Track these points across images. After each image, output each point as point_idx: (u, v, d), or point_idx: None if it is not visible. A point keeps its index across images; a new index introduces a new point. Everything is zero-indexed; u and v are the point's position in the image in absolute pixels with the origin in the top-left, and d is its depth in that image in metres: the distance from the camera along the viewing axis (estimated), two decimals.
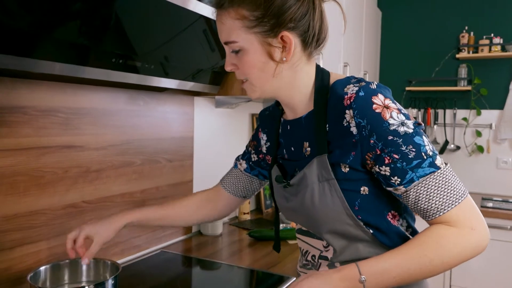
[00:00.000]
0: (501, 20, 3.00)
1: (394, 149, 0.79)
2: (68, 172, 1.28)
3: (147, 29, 1.16)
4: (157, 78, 1.36)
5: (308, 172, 0.86)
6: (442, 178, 0.78)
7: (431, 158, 0.79)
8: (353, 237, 0.86)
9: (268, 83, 0.86)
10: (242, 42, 0.83)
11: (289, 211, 0.95)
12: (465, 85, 3.10)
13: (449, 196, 0.78)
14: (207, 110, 1.93)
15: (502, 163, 3.06)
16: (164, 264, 1.51)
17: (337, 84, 0.86)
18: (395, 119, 0.79)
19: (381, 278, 0.77)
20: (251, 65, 0.84)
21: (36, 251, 1.21)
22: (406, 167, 0.78)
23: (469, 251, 0.78)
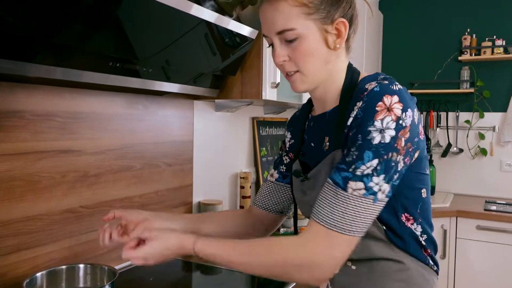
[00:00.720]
0: (503, 22, 2.98)
1: (349, 145, 0.79)
2: (65, 176, 1.27)
3: (149, 33, 1.15)
4: (159, 82, 1.35)
5: (323, 166, 0.86)
6: (339, 199, 0.77)
7: (354, 177, 0.76)
8: (366, 233, 0.83)
9: (319, 72, 0.87)
10: (301, 29, 0.82)
11: (306, 204, 0.94)
12: (468, 88, 3.08)
13: (327, 213, 0.77)
14: (207, 114, 1.92)
15: (505, 165, 3.03)
16: (163, 269, 1.49)
17: (364, 80, 0.86)
18: (381, 124, 0.76)
19: (209, 258, 0.83)
20: (308, 53, 0.84)
21: (33, 257, 1.20)
22: (337, 165, 0.80)
23: (292, 256, 0.78)
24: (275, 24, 0.83)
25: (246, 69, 1.67)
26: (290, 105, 2.23)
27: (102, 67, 1.12)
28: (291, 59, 0.85)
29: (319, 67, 0.86)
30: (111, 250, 1.44)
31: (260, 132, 2.31)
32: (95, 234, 1.37)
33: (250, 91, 1.66)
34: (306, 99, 1.95)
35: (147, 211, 1.03)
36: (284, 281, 1.28)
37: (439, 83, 3.17)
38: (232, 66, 1.61)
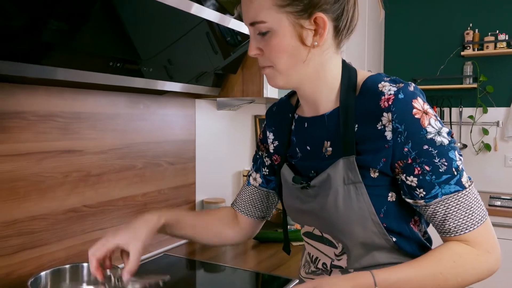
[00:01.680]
0: (506, 16, 2.97)
1: (426, 160, 0.75)
2: (68, 176, 1.28)
3: (151, 33, 1.15)
4: (161, 81, 1.36)
5: (333, 173, 0.80)
6: (465, 199, 0.77)
7: (459, 175, 0.76)
8: (374, 244, 0.82)
9: (295, 70, 0.80)
10: (271, 22, 0.76)
11: (304, 213, 0.89)
12: (471, 83, 3.07)
13: (468, 218, 0.77)
14: (209, 112, 1.93)
15: (510, 161, 3.02)
16: (167, 267, 1.50)
17: (371, 81, 0.81)
18: (433, 127, 0.76)
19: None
20: (279, 49, 0.77)
21: (38, 256, 1.21)
22: (434, 181, 0.76)
23: (483, 273, 0.77)
24: (247, 15, 0.79)
25: (247, 67, 1.67)
26: None
27: (102, 67, 1.13)
28: (264, 53, 0.80)
29: (293, 65, 0.79)
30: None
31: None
32: (98, 234, 1.39)
33: (252, 89, 1.67)
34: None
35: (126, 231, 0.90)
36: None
37: (442, 79, 3.16)
38: (233, 65, 1.62)
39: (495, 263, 0.78)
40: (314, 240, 0.92)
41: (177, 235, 1.01)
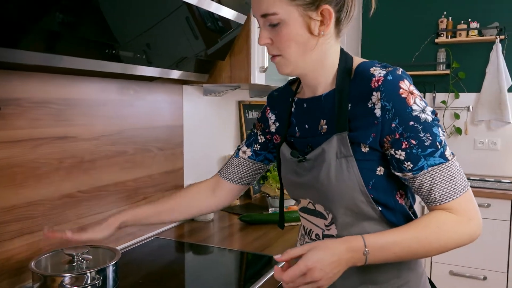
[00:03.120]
0: (477, 5, 3.08)
1: (413, 135, 0.83)
2: (63, 162, 1.30)
3: (128, 16, 1.13)
4: (141, 66, 1.37)
5: (327, 148, 0.88)
6: (448, 170, 0.84)
7: (443, 148, 0.84)
8: (362, 214, 0.89)
9: (302, 57, 0.88)
10: (283, 14, 0.84)
11: (299, 186, 0.97)
12: (444, 69, 3.19)
13: (451, 188, 0.84)
14: (196, 98, 1.96)
15: (479, 143, 3.17)
16: (159, 250, 1.55)
17: (363, 66, 0.89)
18: (418, 105, 0.83)
19: (383, 253, 0.82)
20: (289, 38, 0.86)
21: (36, 241, 1.23)
22: (420, 154, 0.83)
23: (464, 238, 0.85)
24: (259, 7, 0.86)
25: (235, 54, 1.71)
26: (273, 89, 2.28)
27: (85, 52, 1.12)
28: (274, 43, 0.88)
29: (301, 53, 0.88)
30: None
31: (246, 115, 2.36)
32: (92, 218, 1.41)
33: (239, 75, 1.70)
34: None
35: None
36: None
37: (416, 65, 3.27)
38: (221, 51, 1.65)
39: (476, 229, 0.85)
40: (308, 214, 1.00)
41: (147, 224, 1.20)
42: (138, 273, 1.32)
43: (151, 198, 1.68)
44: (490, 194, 2.62)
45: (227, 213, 2.05)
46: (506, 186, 2.73)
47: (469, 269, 2.72)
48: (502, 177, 3.07)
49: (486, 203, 2.64)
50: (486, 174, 3.14)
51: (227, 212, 2.06)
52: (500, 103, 3.00)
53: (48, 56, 1.04)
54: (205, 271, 1.35)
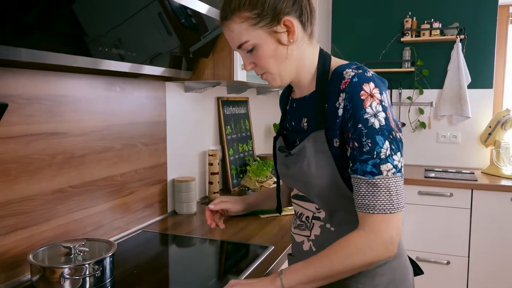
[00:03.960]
0: (440, 6, 3.26)
1: (357, 137, 0.89)
2: (54, 158, 1.32)
3: (100, 10, 1.12)
4: (137, 65, 1.41)
5: (307, 144, 0.98)
6: (375, 185, 0.87)
7: (379, 160, 0.87)
8: (342, 201, 0.98)
9: (283, 67, 0.98)
10: (253, 39, 0.94)
11: (289, 177, 1.07)
12: (409, 67, 3.35)
13: (372, 202, 0.88)
14: (177, 95, 2.00)
15: (441, 137, 3.37)
16: (147, 242, 1.58)
17: (339, 68, 0.95)
18: (372, 109, 0.88)
19: (293, 275, 0.91)
20: (266, 56, 0.95)
21: (29, 236, 1.25)
22: (358, 157, 0.89)
23: (366, 252, 0.87)
24: (232, 42, 0.97)
25: (217, 52, 1.76)
26: (250, 85, 2.35)
27: (56, 46, 1.11)
28: (256, 65, 0.98)
29: (281, 64, 0.97)
30: (98, 227, 1.51)
31: (224, 111, 2.41)
32: (83, 212, 1.44)
33: (222, 72, 1.76)
34: None
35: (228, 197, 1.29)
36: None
37: (383, 63, 3.42)
38: (204, 49, 1.70)
39: (379, 245, 0.87)
40: (299, 200, 1.10)
41: (259, 207, 1.33)
42: (131, 264, 1.36)
43: (137, 192, 1.71)
44: (452, 184, 2.80)
45: None
46: (466, 177, 2.92)
47: (434, 255, 2.90)
48: (463, 168, 3.27)
49: (448, 192, 2.81)
50: (448, 165, 3.34)
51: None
52: (460, 99, 3.20)
53: (15, 50, 1.01)
54: (195, 260, 1.41)
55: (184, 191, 1.93)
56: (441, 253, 2.88)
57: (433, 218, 2.86)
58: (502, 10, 3.23)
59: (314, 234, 1.05)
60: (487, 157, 3.25)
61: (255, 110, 2.88)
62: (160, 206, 1.89)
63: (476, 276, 2.81)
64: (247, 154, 2.64)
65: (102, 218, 1.53)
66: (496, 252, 2.75)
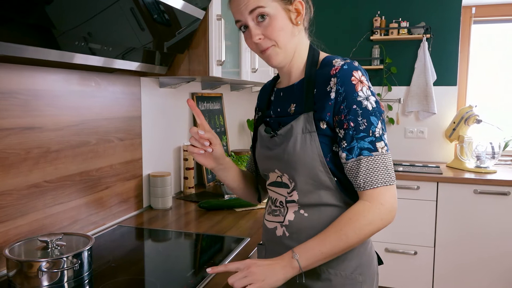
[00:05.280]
0: (407, 6, 3.38)
1: (352, 118, 0.98)
2: (30, 153, 1.31)
3: (69, 2, 1.09)
4: (112, 59, 1.41)
5: (295, 124, 1.04)
6: (374, 162, 0.97)
7: (375, 138, 0.97)
8: (320, 183, 1.03)
9: (290, 45, 1.05)
10: (270, 8, 1.00)
11: (270, 158, 1.11)
12: (378, 64, 3.46)
13: (374, 177, 0.97)
14: (152, 90, 2.00)
15: (408, 132, 3.49)
16: (124, 236, 1.59)
17: (328, 58, 1.06)
18: (364, 93, 0.98)
19: (309, 252, 0.96)
20: (279, 28, 1.01)
21: (5, 231, 1.24)
22: (354, 136, 0.97)
23: (376, 222, 0.96)
24: (248, 5, 1.01)
25: (193, 48, 1.78)
26: (224, 81, 2.38)
27: (24, 39, 1.07)
28: (265, 37, 1.03)
29: (289, 40, 1.04)
30: (74, 222, 1.51)
31: (199, 106, 2.43)
32: (59, 207, 1.44)
33: (198, 68, 1.78)
34: (245, 76, 2.13)
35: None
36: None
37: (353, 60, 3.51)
38: (180, 45, 1.71)
39: (386, 213, 0.96)
40: (275, 186, 1.15)
41: (230, 180, 1.25)
42: (108, 258, 1.37)
43: (112, 187, 1.72)
44: (419, 177, 2.92)
45: (183, 201, 2.12)
46: (432, 170, 3.04)
47: (402, 246, 3.01)
48: (429, 162, 3.41)
49: (415, 185, 2.93)
50: (415, 160, 3.47)
51: (184, 200, 2.13)
52: (426, 96, 3.32)
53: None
54: (172, 254, 1.43)
55: (160, 186, 1.94)
56: (408, 244, 3.00)
57: (401, 211, 2.97)
58: (465, 11, 3.37)
59: (288, 220, 1.09)
60: (452, 151, 3.40)
61: (229, 106, 2.91)
62: (136, 201, 1.89)
63: (441, 265, 2.94)
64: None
65: (78, 213, 1.53)
66: (460, 242, 2.89)
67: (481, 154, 3.07)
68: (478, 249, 2.85)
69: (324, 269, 1.05)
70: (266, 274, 0.94)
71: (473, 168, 3.06)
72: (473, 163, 3.12)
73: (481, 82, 3.47)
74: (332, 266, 1.05)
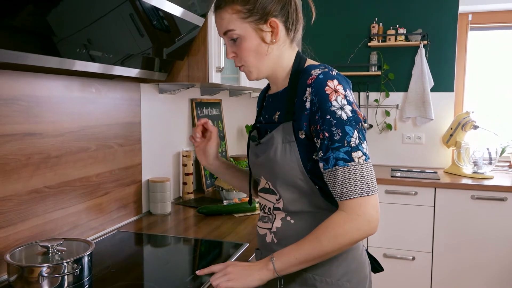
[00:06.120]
0: (405, 12, 3.41)
1: (327, 128, 0.96)
2: (30, 158, 1.32)
3: (68, 10, 1.09)
4: (112, 66, 1.43)
5: (276, 134, 1.06)
6: (350, 173, 0.95)
7: (351, 149, 0.95)
8: (302, 190, 1.05)
9: (262, 63, 1.07)
10: (239, 30, 1.03)
11: (258, 166, 1.13)
12: (376, 71, 3.48)
13: (350, 188, 0.95)
14: (152, 96, 2.02)
15: (406, 138, 3.51)
16: (123, 241, 1.60)
17: (309, 67, 1.05)
18: (338, 103, 0.97)
19: (284, 257, 0.99)
20: (248, 49, 1.04)
21: (5, 236, 1.25)
22: (329, 146, 0.96)
23: (353, 233, 0.95)
24: (220, 28, 1.06)
25: (192, 54, 1.80)
26: (223, 87, 2.39)
27: (23, 46, 1.07)
28: (237, 55, 1.07)
29: (260, 59, 1.06)
30: (74, 227, 1.52)
31: (198, 112, 2.44)
32: (59, 213, 1.45)
33: (197, 75, 1.80)
34: (243, 82, 2.15)
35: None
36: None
37: (351, 66, 3.54)
38: (180, 51, 1.73)
39: (364, 224, 0.95)
40: (264, 193, 1.16)
41: (226, 175, 1.34)
42: (107, 263, 1.38)
43: (112, 193, 1.73)
44: (416, 183, 2.93)
45: (182, 206, 2.13)
46: (430, 176, 3.06)
47: (400, 251, 3.02)
48: (427, 167, 3.43)
49: (413, 191, 2.94)
50: (413, 165, 3.48)
51: (183, 205, 2.14)
52: (424, 102, 3.35)
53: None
54: (171, 259, 1.44)
55: (159, 191, 1.95)
56: (406, 249, 3.01)
57: (399, 216, 2.98)
58: (462, 18, 3.41)
59: (275, 227, 1.11)
60: (449, 157, 3.42)
61: (227, 112, 2.93)
62: (135, 206, 1.90)
63: (439, 270, 2.95)
64: (221, 155, 2.68)
65: (78, 218, 1.54)
66: (458, 247, 2.90)
67: (478, 160, 3.09)
68: (476, 254, 2.87)
69: (310, 275, 1.06)
70: (241, 273, 1.00)
71: (471, 173, 3.08)
72: (470, 169, 3.13)
73: (478, 88, 3.50)
74: (317, 272, 1.05)
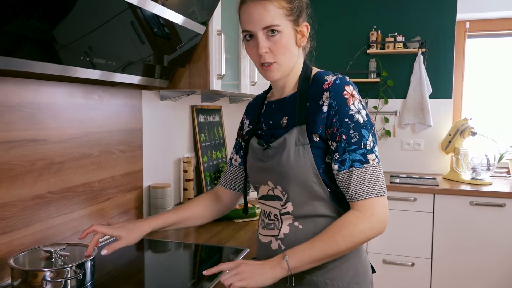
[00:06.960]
0: (403, 20, 3.45)
1: (344, 130, 1.01)
2: (34, 164, 1.34)
3: (70, 17, 1.09)
4: (114, 73, 1.45)
5: (288, 137, 1.07)
6: (365, 174, 1.00)
7: (366, 150, 1.01)
8: (314, 194, 1.06)
9: (290, 63, 1.09)
10: (282, 26, 1.04)
11: (263, 171, 1.13)
12: (375, 77, 3.51)
13: (365, 189, 1.00)
14: (153, 103, 2.04)
15: (405, 144, 3.53)
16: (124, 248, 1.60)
17: (320, 73, 1.11)
18: (355, 107, 1.02)
19: (298, 254, 0.99)
20: (285, 47, 1.06)
21: (8, 241, 1.26)
22: (346, 148, 1.01)
23: (366, 232, 0.99)
24: (263, 20, 1.03)
25: (193, 61, 1.82)
26: (224, 94, 2.42)
27: (24, 53, 1.08)
28: (271, 51, 1.06)
29: (290, 59, 1.09)
30: (76, 232, 1.53)
31: (198, 119, 2.47)
32: (61, 218, 1.46)
33: (198, 82, 1.82)
34: (244, 89, 2.18)
35: (124, 223, 1.20)
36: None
37: (350, 73, 3.56)
38: (181, 59, 1.75)
39: (377, 224, 0.99)
40: (267, 200, 1.17)
41: (170, 229, 1.34)
42: (109, 268, 1.39)
43: (114, 198, 1.74)
44: (415, 189, 2.95)
45: None
46: (429, 182, 3.08)
47: (399, 257, 3.03)
48: (426, 174, 3.45)
49: (412, 197, 2.96)
50: (412, 171, 3.50)
51: None
52: (422, 108, 3.37)
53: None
54: (172, 264, 1.45)
55: (160, 197, 1.97)
56: (406, 255, 3.02)
57: (398, 222, 3.00)
58: (459, 25, 3.44)
59: (283, 233, 1.11)
60: (448, 163, 3.44)
61: (228, 118, 2.95)
62: (136, 212, 1.92)
63: (438, 276, 2.96)
64: (221, 161, 2.70)
65: (80, 223, 1.56)
66: (457, 253, 2.91)
67: (476, 166, 3.11)
68: (475, 260, 2.88)
69: (321, 279, 1.07)
70: (254, 272, 0.97)
71: (469, 180, 3.10)
72: (469, 175, 3.15)
73: (476, 95, 3.53)
74: (328, 276, 1.07)
